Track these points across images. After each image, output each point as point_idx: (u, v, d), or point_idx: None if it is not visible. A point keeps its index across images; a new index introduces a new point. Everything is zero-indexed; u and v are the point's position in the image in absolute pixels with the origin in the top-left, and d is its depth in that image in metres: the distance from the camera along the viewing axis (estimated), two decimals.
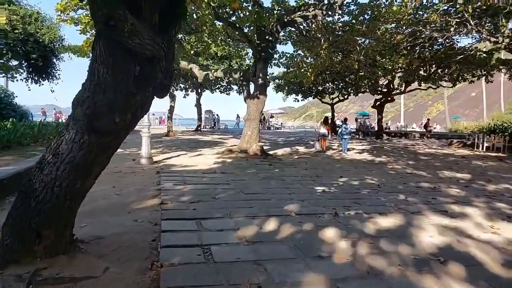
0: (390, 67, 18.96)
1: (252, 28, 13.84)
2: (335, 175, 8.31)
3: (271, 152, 12.56)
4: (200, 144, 15.64)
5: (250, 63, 16.75)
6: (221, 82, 27.84)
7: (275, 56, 16.50)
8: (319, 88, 28.59)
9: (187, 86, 27.38)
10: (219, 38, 17.38)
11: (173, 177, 7.02)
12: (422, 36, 16.48)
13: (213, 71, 12.76)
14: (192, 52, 18.48)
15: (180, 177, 7.08)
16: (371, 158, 12.52)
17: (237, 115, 39.79)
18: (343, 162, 11.26)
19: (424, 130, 26.75)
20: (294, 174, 8.17)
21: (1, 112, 18.29)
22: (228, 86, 27.96)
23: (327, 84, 27.75)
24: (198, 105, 26.86)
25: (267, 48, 11.54)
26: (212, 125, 35.45)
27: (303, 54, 17.65)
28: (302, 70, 17.88)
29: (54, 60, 15.51)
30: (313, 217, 4.55)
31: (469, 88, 63.60)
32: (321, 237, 3.83)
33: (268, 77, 12.92)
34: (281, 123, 43.16)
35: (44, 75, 15.55)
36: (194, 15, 15.42)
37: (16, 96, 19.44)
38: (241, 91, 12.25)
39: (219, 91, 28.26)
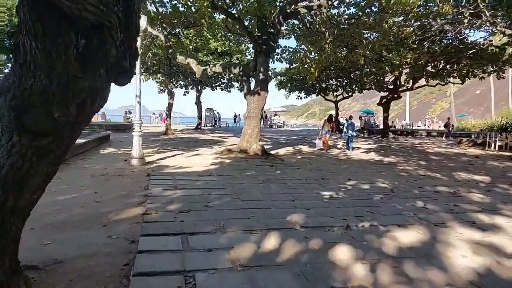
0: (397, 63, 18.18)
1: (253, 21, 13.15)
2: (342, 177, 7.62)
3: (272, 152, 11.88)
4: (198, 143, 14.97)
5: (252, 58, 16.03)
6: (221, 79, 27.15)
7: (277, 50, 15.79)
8: (322, 85, 27.86)
9: (186, 83, 26.72)
10: (219, 33, 16.70)
11: (164, 181, 6.35)
12: (432, 29, 15.71)
13: (211, 66, 12.08)
14: (190, 47, 17.80)
15: (172, 180, 6.41)
16: (379, 158, 11.81)
17: (234, 113, 39.01)
18: (350, 162, 10.56)
19: (444, 129, 25.61)
20: (297, 177, 7.48)
21: None
22: (229, 83, 27.24)
23: (331, 81, 27.01)
24: (198, 102, 26.16)
25: (268, 41, 10.83)
26: (213, 123, 34.77)
27: (306, 49, 16.91)
28: (306, 65, 17.16)
29: None
30: (321, 230, 3.87)
31: (474, 85, 62.58)
32: (332, 258, 3.15)
33: (269, 72, 12.21)
34: (283, 121, 42.38)
35: None
36: (193, 8, 14.80)
37: None
38: (242, 87, 11.50)
39: (220, 88, 27.54)
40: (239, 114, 39.06)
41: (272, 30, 11.02)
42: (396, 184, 7.04)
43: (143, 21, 7.94)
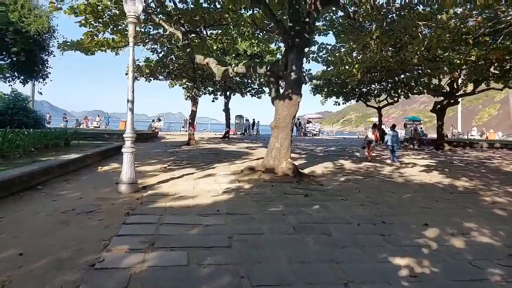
0: (458, 62, 15.10)
1: (283, 9, 10.98)
2: (413, 220, 5.12)
3: (306, 171, 9.51)
4: (220, 156, 12.91)
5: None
6: (251, 85, 25.21)
7: (313, 48, 13.44)
8: (363, 89, 24.98)
9: (215, 89, 25.06)
10: (246, 31, 14.70)
11: (143, 227, 4.25)
12: (508, 19, 12.61)
13: (233, 65, 9.99)
14: (215, 47, 15.95)
15: (155, 225, 4.30)
16: (447, 181, 9.05)
17: (253, 120, 36.08)
18: (412, 188, 7.95)
19: None
20: (345, 217, 5.09)
21: (13, 118, 16.86)
22: (260, 89, 25.21)
23: (373, 85, 24.08)
24: (226, 109, 24.31)
25: (302, 33, 8.56)
26: (243, 131, 32.78)
27: (348, 46, 14.39)
28: (347, 66, 14.65)
29: (43, 55, 13.48)
30: None
31: None
32: None
33: (304, 73, 9.92)
34: (319, 129, 39.42)
35: (29, 73, 13.43)
36: (217, 3, 12.92)
37: (28, 101, 18.07)
38: (269, 90, 9.31)
39: (250, 94, 25.57)
40: (258, 122, 36.46)
41: (307, 19, 8.75)
42: (503, 235, 4.45)
43: (138, 4, 6.01)
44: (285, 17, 10.81)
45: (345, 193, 6.90)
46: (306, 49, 11.17)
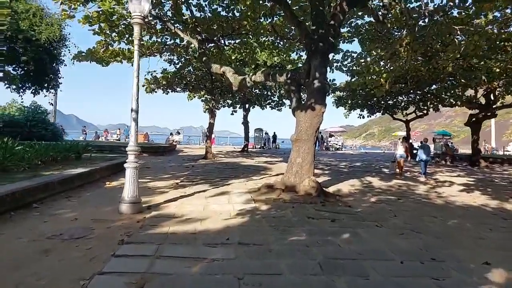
0: (498, 70, 13.81)
1: (303, 18, 10.30)
2: (467, 253, 4.14)
3: (331, 189, 8.56)
4: (236, 171, 12.14)
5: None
6: (271, 97, 24.56)
7: (337, 56, 12.61)
8: (389, 101, 23.76)
9: (234, 102, 24.57)
10: (266, 41, 14.08)
11: (135, 260, 3.49)
12: None
13: (251, 74, 9.30)
14: (233, 57, 15.42)
15: (150, 259, 3.53)
16: (495, 204, 7.86)
17: (265, 132, 34.56)
18: (456, 212, 6.86)
19: None
20: (383, 251, 4.15)
21: (31, 130, 16.84)
22: (280, 101, 24.50)
23: (400, 97, 22.84)
24: (245, 122, 23.69)
25: (326, 36, 7.78)
26: (262, 145, 31.98)
27: (375, 54, 13.46)
28: (374, 76, 13.69)
29: (54, 65, 13.25)
30: None
31: None
32: None
33: (328, 82, 9.05)
34: (342, 143, 38.01)
35: (40, 83, 13.15)
36: (236, 11, 12.42)
37: (49, 113, 18.08)
38: (290, 100, 8.53)
39: (270, 106, 24.88)
40: (274, 133, 35.33)
41: (332, 22, 7.99)
42: None
43: (144, 3, 5.44)
44: (307, 24, 10.13)
45: (378, 218, 5.92)
46: (330, 56, 10.36)
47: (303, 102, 8.06)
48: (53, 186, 6.44)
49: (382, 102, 22.85)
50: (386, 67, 13.71)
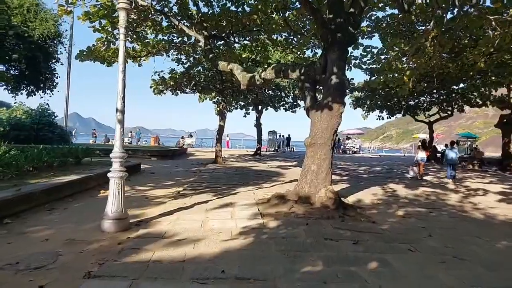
0: None
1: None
2: None
3: (351, 200, 7.56)
4: (246, 177, 11.24)
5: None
6: (285, 98, 23.60)
7: (355, 53, 11.59)
8: (410, 102, 22.42)
9: (246, 103, 23.74)
10: (277, 38, 13.18)
11: None
12: None
13: (260, 71, 8.40)
14: (244, 56, 14.58)
15: None
16: None
17: (281, 135, 33.46)
18: (501, 228, 5.77)
19: None
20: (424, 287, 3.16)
21: (38, 133, 16.45)
22: (294, 102, 23.53)
23: (422, 98, 21.49)
24: (257, 124, 22.82)
25: (345, 26, 6.81)
26: (276, 148, 30.98)
27: (398, 49, 12.31)
28: (396, 73, 12.56)
29: (50, 64, 12.60)
30: None
31: None
32: None
33: (347, 79, 8.06)
34: (360, 146, 36.52)
35: (35, 83, 12.43)
36: (246, 6, 11.61)
37: (57, 116, 17.68)
38: (303, 98, 7.58)
39: (284, 108, 23.93)
40: (288, 135, 34.28)
41: (351, 10, 7.02)
42: None
43: None
44: (324, 16, 9.18)
45: (410, 238, 4.89)
46: (349, 51, 9.36)
47: (318, 101, 7.10)
48: (35, 197, 5.70)
49: (403, 103, 21.54)
50: (410, 64, 12.55)
